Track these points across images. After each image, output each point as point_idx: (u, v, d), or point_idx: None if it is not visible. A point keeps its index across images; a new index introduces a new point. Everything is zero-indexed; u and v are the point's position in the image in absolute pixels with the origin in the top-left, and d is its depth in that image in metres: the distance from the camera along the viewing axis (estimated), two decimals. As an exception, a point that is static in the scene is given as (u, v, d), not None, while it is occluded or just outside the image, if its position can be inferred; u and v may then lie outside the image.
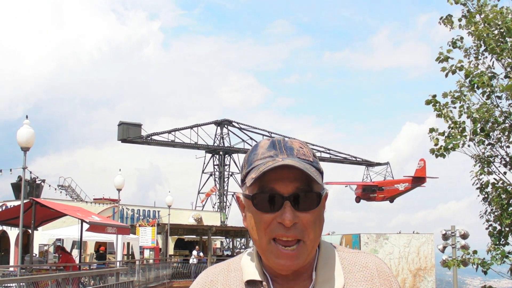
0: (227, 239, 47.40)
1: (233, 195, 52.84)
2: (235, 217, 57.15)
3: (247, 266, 1.34)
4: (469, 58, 8.96)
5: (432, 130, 8.98)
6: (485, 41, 8.49)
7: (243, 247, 47.00)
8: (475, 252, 9.13)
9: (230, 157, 57.44)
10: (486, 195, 8.95)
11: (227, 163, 57.38)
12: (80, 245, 20.55)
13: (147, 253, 28.47)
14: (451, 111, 8.85)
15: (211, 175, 57.87)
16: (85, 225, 17.74)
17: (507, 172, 8.82)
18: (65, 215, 18.59)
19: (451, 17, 9.11)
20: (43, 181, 34.50)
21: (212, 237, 34.58)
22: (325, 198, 1.28)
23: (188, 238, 38.84)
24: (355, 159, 61.96)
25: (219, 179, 56.93)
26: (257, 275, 1.30)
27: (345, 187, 56.97)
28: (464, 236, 17.89)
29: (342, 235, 37.35)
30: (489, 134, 8.64)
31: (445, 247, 18.19)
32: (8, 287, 14.49)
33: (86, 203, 37.35)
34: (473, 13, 8.80)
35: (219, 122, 56.85)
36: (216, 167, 57.54)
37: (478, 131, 8.53)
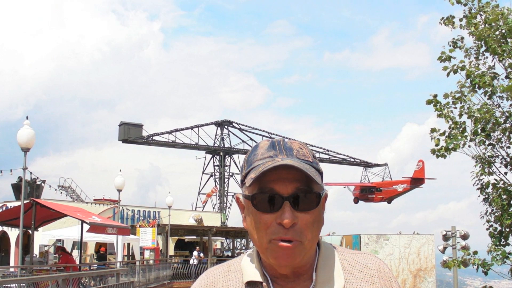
0: (228, 240, 47.34)
1: (233, 195, 52.78)
2: (235, 218, 57.19)
3: (247, 267, 1.33)
4: (469, 58, 8.96)
5: (433, 130, 8.98)
6: (486, 41, 8.49)
7: (244, 248, 46.98)
8: (476, 252, 9.12)
9: (230, 158, 57.44)
10: (486, 196, 8.95)
11: (227, 163, 57.40)
12: (80, 245, 20.56)
13: (147, 254, 28.46)
14: (452, 112, 8.85)
15: (211, 175, 57.87)
16: (86, 226, 17.73)
17: (508, 172, 8.83)
18: (66, 215, 18.57)
19: (453, 17, 9.11)
20: (44, 181, 34.46)
21: (212, 237, 34.57)
22: (324, 199, 1.28)
23: (188, 238, 38.84)
24: (353, 160, 62.09)
25: (219, 180, 56.94)
26: (257, 276, 1.29)
27: (344, 188, 57.07)
28: (464, 236, 17.85)
29: (342, 236, 37.27)
30: (490, 134, 8.64)
31: (445, 248, 18.15)
32: (8, 287, 14.50)
33: (86, 203, 37.33)
34: (473, 14, 8.80)
35: (220, 122, 56.84)
36: (216, 167, 57.54)
37: (478, 131, 8.52)
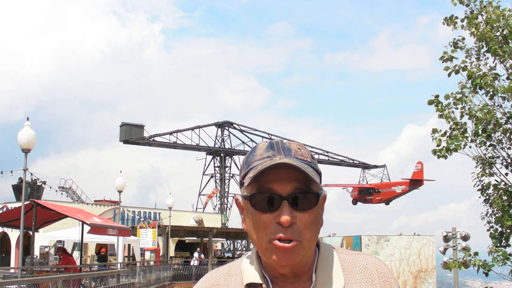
0: (228, 241, 47.35)
1: (233, 196, 52.76)
2: (236, 219, 57.09)
3: (247, 269, 1.33)
4: (470, 58, 8.96)
5: (435, 130, 8.98)
6: (487, 42, 8.48)
7: (244, 249, 46.99)
8: (476, 253, 9.11)
9: (231, 159, 57.45)
10: (487, 197, 8.94)
11: (228, 165, 57.40)
12: (81, 247, 20.55)
13: (148, 255, 28.49)
14: (453, 112, 8.84)
15: (212, 177, 57.87)
16: (86, 227, 17.71)
17: (509, 173, 8.81)
18: (66, 216, 18.55)
19: (456, 18, 9.10)
20: (44, 182, 34.49)
21: (213, 239, 34.57)
22: (323, 199, 1.28)
23: (189, 240, 38.86)
24: (352, 161, 62.19)
25: (220, 181, 56.94)
26: (257, 278, 1.29)
27: (342, 189, 57.14)
28: (465, 237, 17.83)
29: (343, 237, 37.29)
30: (491, 135, 8.63)
31: (446, 249, 18.14)
32: (8, 288, 14.48)
33: (87, 204, 37.30)
34: (475, 14, 8.79)
35: (220, 123, 56.82)
36: (217, 169, 57.54)
37: (479, 132, 8.51)
